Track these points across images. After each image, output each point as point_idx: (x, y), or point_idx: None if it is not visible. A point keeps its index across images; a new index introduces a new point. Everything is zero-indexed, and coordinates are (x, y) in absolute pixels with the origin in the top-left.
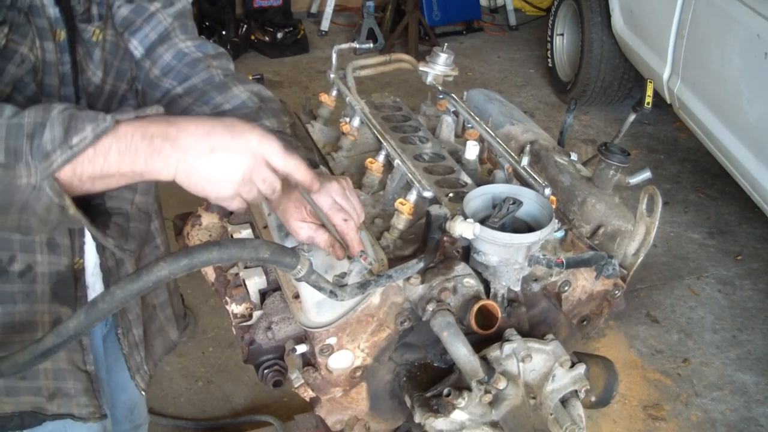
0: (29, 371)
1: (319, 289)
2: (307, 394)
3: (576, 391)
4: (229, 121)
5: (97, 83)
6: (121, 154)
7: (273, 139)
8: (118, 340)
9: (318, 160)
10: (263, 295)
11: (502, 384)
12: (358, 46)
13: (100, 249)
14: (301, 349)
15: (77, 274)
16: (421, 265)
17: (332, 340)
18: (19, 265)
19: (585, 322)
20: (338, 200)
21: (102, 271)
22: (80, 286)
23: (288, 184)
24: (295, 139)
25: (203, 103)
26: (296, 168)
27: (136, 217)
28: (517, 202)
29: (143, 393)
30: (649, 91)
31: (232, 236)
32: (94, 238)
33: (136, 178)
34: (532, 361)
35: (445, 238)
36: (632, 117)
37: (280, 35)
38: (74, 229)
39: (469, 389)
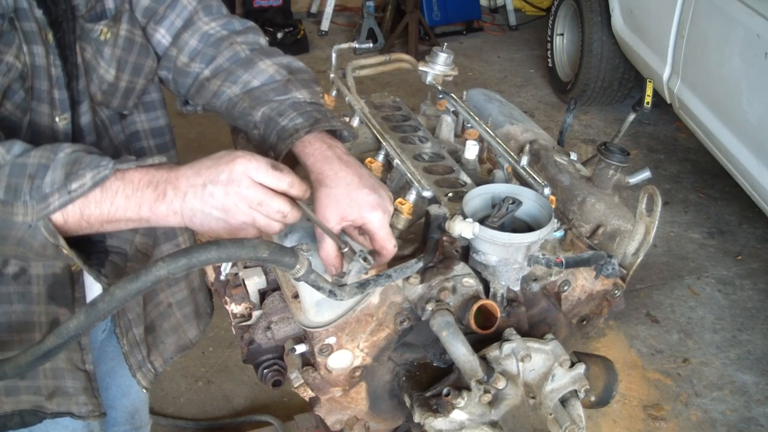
0: (63, 351)
1: (318, 288)
2: (307, 393)
3: (576, 390)
4: (218, 155)
5: (110, 81)
6: (127, 199)
7: (258, 160)
8: (117, 339)
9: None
10: (263, 294)
11: (501, 384)
12: (358, 46)
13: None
14: (301, 348)
15: (74, 276)
16: (421, 264)
17: (331, 340)
18: (13, 268)
19: (585, 322)
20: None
21: None
22: (78, 288)
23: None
24: (330, 110)
25: (231, 83)
26: (289, 185)
27: (134, 257)
28: (517, 202)
29: (145, 391)
30: (649, 91)
31: None
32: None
33: (144, 224)
34: (531, 361)
35: (444, 238)
36: (632, 117)
37: (280, 35)
38: None
39: (469, 389)
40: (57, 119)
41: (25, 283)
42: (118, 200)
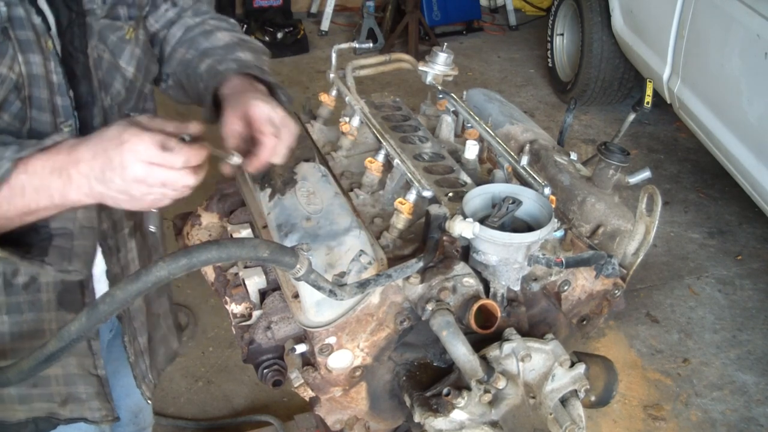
0: (40, 378)
1: (319, 288)
2: (307, 393)
3: (576, 390)
4: (109, 133)
5: (131, 78)
6: (37, 191)
7: (145, 141)
8: (124, 348)
9: (318, 159)
10: (263, 294)
11: (501, 383)
12: (358, 46)
13: (107, 256)
14: (301, 348)
15: (84, 282)
16: (421, 264)
17: (332, 340)
18: (22, 278)
19: (585, 322)
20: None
21: (108, 278)
22: (88, 293)
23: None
24: (274, 78)
25: (193, 49)
26: (185, 163)
27: (80, 234)
28: (517, 202)
29: (149, 402)
30: (649, 91)
31: (231, 236)
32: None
33: (62, 209)
34: (531, 361)
35: (444, 238)
36: (632, 117)
37: (280, 35)
38: None
39: (469, 389)
40: (61, 126)
41: (35, 292)
42: (28, 193)
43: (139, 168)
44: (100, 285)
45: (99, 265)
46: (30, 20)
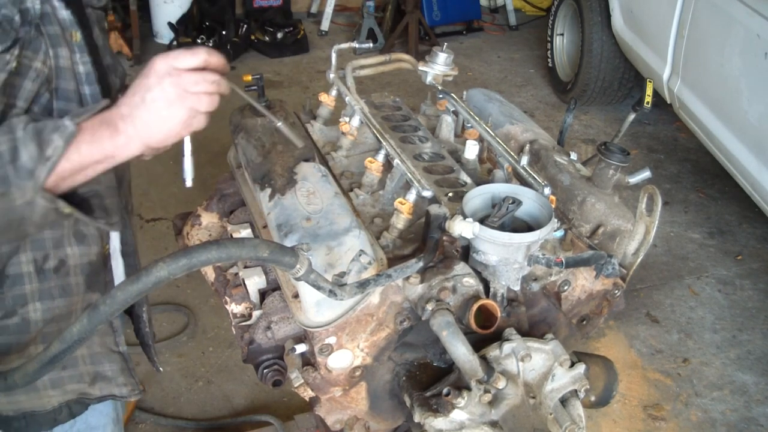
0: (69, 360)
1: (319, 288)
2: (307, 393)
3: (576, 390)
4: (138, 76)
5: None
6: (89, 144)
7: (172, 52)
8: (140, 318)
9: (318, 159)
10: (263, 294)
11: (501, 383)
12: (358, 46)
13: (124, 231)
14: (301, 348)
15: (105, 260)
16: (421, 264)
17: (332, 340)
18: (53, 262)
19: (585, 322)
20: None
21: (122, 255)
22: (107, 272)
23: None
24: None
25: None
26: (208, 55)
27: (107, 194)
28: (517, 202)
29: (160, 370)
30: (649, 91)
31: (231, 236)
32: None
33: (110, 162)
34: (531, 361)
35: (444, 238)
36: (632, 116)
37: (280, 35)
38: None
39: (469, 389)
40: None
41: (65, 275)
42: (83, 148)
43: (174, 72)
44: (115, 262)
45: (115, 242)
46: (55, 15)
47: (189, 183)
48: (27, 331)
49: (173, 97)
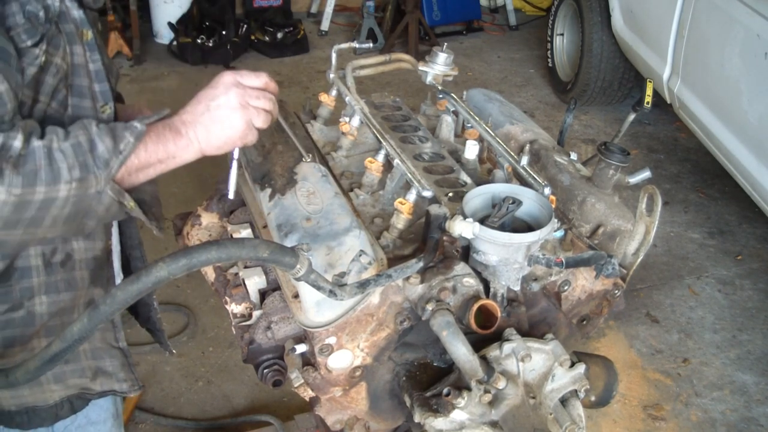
0: (71, 354)
1: (319, 288)
2: (307, 393)
3: (576, 390)
4: (205, 88)
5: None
6: (155, 144)
7: (238, 70)
8: (152, 305)
9: (318, 159)
10: (263, 294)
11: (501, 383)
12: (358, 46)
13: (128, 227)
14: (301, 348)
15: (108, 256)
16: (421, 264)
17: (332, 340)
18: (60, 256)
19: (585, 322)
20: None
21: (120, 252)
22: (109, 267)
23: None
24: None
25: None
26: (268, 79)
27: (151, 203)
28: (517, 202)
29: (173, 352)
30: (649, 91)
31: (231, 236)
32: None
33: (170, 162)
34: (531, 361)
35: (444, 238)
36: (632, 117)
37: (280, 35)
38: None
39: (469, 389)
40: (100, 110)
41: (71, 270)
42: (149, 146)
43: (240, 85)
44: (115, 259)
45: (115, 239)
46: (69, 14)
47: (231, 195)
48: (32, 324)
49: (236, 106)
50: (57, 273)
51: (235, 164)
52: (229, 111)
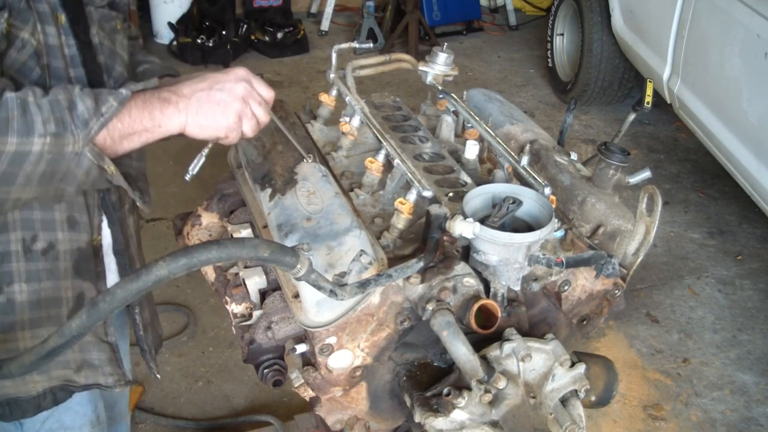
0: (68, 349)
1: (319, 288)
2: (307, 393)
3: (576, 390)
4: (223, 71)
5: (126, 62)
6: (140, 110)
7: (251, 73)
8: (133, 320)
9: (318, 159)
10: (263, 294)
11: (501, 383)
12: (358, 46)
13: (113, 227)
14: (301, 348)
15: (96, 250)
16: (421, 264)
17: (332, 340)
18: (41, 244)
19: (585, 322)
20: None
21: (114, 252)
22: (98, 262)
23: None
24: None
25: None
26: (269, 91)
27: (137, 177)
28: (517, 202)
29: (158, 376)
30: (649, 91)
31: (231, 236)
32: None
33: (156, 132)
34: (531, 361)
35: (444, 238)
36: (632, 116)
37: (280, 35)
38: (92, 206)
39: (469, 389)
40: None
41: (53, 260)
42: (134, 112)
43: (248, 82)
44: (108, 257)
45: (107, 237)
46: None
47: (188, 178)
48: (12, 312)
49: (237, 98)
50: (38, 261)
51: (204, 153)
52: (229, 98)
